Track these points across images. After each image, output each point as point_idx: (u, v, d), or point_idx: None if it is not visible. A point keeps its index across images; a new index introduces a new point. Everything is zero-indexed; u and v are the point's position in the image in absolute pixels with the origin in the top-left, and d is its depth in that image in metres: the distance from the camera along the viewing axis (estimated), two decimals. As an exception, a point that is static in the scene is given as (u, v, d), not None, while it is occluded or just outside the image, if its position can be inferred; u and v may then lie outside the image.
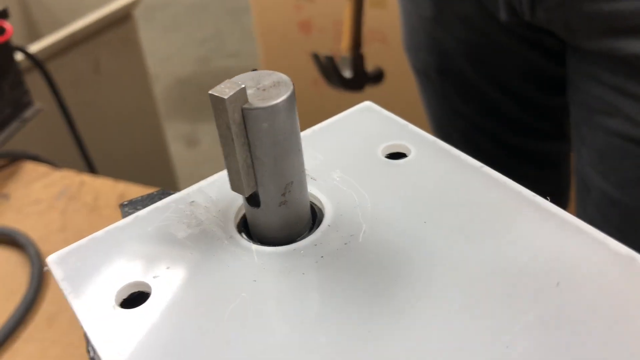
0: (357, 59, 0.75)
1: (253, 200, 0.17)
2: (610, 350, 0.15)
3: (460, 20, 0.71)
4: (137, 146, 1.44)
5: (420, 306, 0.16)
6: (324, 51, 2.36)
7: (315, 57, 0.76)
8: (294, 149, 0.17)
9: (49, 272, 0.58)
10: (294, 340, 0.14)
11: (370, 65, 0.90)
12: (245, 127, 0.15)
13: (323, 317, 0.15)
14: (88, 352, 0.17)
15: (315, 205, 0.19)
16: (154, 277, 0.17)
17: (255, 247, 0.17)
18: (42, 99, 0.87)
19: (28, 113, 0.84)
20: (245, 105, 0.15)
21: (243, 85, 0.15)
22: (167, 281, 0.17)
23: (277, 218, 0.17)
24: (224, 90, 0.15)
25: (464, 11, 0.69)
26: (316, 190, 0.19)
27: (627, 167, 0.62)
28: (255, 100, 0.15)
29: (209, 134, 2.64)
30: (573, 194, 0.84)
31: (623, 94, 0.58)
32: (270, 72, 0.17)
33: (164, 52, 3.03)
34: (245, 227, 0.19)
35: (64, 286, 0.17)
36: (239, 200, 0.19)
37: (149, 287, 0.17)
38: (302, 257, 0.17)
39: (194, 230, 0.18)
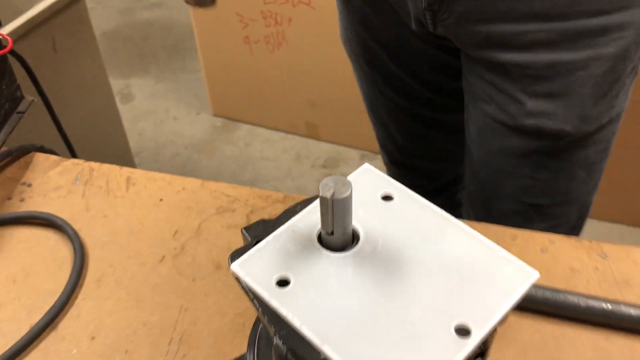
0: None
1: (331, 233, 0.36)
2: (484, 290, 0.36)
3: (382, 26, 0.91)
4: (93, 114, 1.55)
5: (411, 277, 0.36)
6: (253, 14, 2.47)
7: None
8: (350, 211, 0.36)
9: (87, 246, 0.75)
10: (355, 294, 0.34)
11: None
12: (333, 205, 0.34)
13: (367, 284, 0.35)
14: (257, 309, 0.35)
15: (354, 229, 0.38)
16: (290, 270, 0.36)
17: (332, 254, 0.37)
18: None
19: (22, 106, 0.96)
20: (335, 197, 0.34)
21: (334, 190, 0.33)
22: (297, 271, 0.35)
23: (340, 240, 0.37)
24: (327, 192, 0.34)
25: (385, 20, 0.89)
26: (354, 221, 0.38)
27: (494, 140, 0.86)
28: (338, 194, 0.34)
29: (141, 88, 2.71)
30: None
31: (496, 88, 0.81)
32: (340, 177, 0.35)
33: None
34: (320, 241, 0.38)
35: (247, 279, 0.35)
36: (315, 230, 0.38)
37: (289, 276, 0.36)
38: (355, 256, 0.37)
39: (299, 246, 0.37)
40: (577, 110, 0.76)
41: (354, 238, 0.38)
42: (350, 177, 0.41)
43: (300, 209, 0.39)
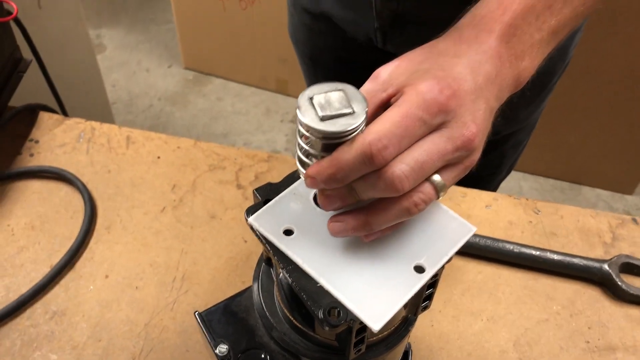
0: None
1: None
2: (435, 240, 0.48)
3: (329, 32, 1.01)
4: (74, 68, 1.61)
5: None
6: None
7: None
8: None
9: (94, 197, 0.85)
10: (342, 241, 0.47)
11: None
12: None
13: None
14: (271, 257, 0.46)
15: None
16: (293, 223, 0.47)
17: (324, 212, 0.49)
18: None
19: (21, 66, 1.03)
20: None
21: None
22: (299, 224, 0.47)
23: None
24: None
25: (333, 28, 0.99)
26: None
27: None
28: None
29: (112, 39, 2.72)
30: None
31: None
32: None
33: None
34: (315, 202, 0.50)
35: (261, 230, 0.47)
36: (312, 193, 0.50)
37: (292, 228, 0.47)
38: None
39: (299, 205, 0.49)
40: (508, 114, 0.90)
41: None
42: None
43: (299, 176, 0.51)
